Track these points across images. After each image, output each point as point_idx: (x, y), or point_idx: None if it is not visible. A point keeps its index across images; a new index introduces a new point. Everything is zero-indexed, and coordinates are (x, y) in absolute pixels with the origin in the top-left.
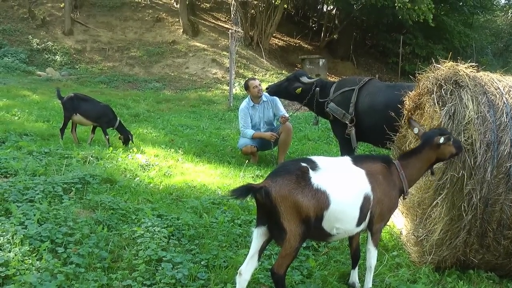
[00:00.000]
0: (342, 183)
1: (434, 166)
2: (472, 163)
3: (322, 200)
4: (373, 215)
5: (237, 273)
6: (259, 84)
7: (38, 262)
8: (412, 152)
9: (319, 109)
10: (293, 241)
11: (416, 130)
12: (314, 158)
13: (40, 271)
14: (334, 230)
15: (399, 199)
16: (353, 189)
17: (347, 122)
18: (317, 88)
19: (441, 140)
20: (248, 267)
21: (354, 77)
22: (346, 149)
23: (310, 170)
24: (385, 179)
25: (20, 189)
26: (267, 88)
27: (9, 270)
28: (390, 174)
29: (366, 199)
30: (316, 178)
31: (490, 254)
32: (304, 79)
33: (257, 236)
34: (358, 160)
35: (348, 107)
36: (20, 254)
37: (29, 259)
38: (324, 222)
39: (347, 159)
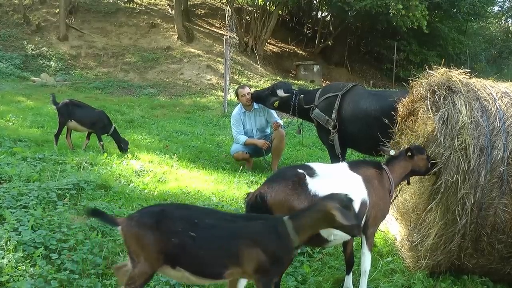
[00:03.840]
0: (340, 190)
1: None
2: (466, 167)
3: None
4: (368, 219)
5: None
6: (248, 93)
7: (32, 269)
8: (396, 160)
9: (305, 115)
10: None
11: (392, 152)
12: (312, 164)
13: (34, 277)
14: (332, 236)
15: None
16: (351, 195)
17: (330, 128)
18: (302, 95)
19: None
20: None
21: (338, 82)
22: (334, 154)
23: (307, 177)
24: (379, 184)
25: (14, 195)
26: (252, 94)
27: (2, 276)
28: (383, 179)
29: (363, 204)
30: (314, 185)
31: (484, 259)
32: (280, 93)
33: None
34: (354, 166)
35: (331, 113)
36: (14, 261)
37: (23, 265)
38: None
39: (344, 165)
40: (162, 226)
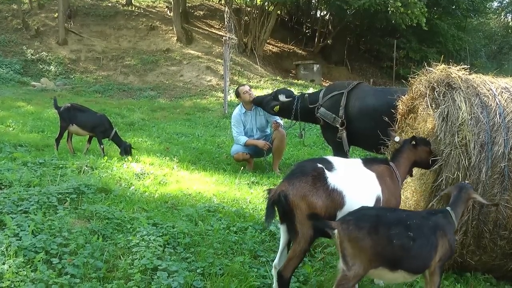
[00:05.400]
0: (357, 185)
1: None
2: (467, 164)
3: (337, 200)
4: None
5: (272, 267)
6: (250, 89)
7: (32, 274)
8: (400, 154)
9: (309, 116)
10: (303, 243)
11: (397, 139)
12: (330, 158)
13: (35, 282)
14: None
15: None
16: (367, 191)
17: (338, 126)
18: (306, 95)
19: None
20: (281, 261)
21: (343, 81)
22: (340, 153)
23: (326, 171)
24: (391, 181)
25: (15, 200)
26: (253, 99)
27: (3, 282)
28: (393, 176)
29: (377, 200)
30: (333, 179)
31: (487, 255)
32: (282, 98)
33: (284, 232)
34: (368, 163)
35: (338, 111)
36: (15, 266)
37: (24, 270)
38: None
39: (358, 162)
40: (381, 230)
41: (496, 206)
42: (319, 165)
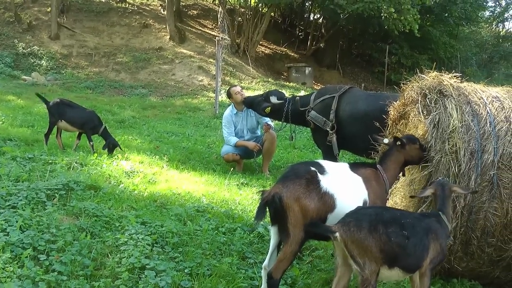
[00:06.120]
0: (346, 188)
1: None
2: (457, 171)
3: (328, 203)
4: None
5: (261, 269)
6: (241, 90)
7: (19, 270)
8: (387, 156)
9: (300, 119)
10: (294, 245)
11: (386, 141)
12: (321, 162)
13: (22, 279)
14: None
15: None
16: (355, 194)
17: (328, 129)
18: (297, 98)
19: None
20: (270, 262)
21: (334, 85)
22: (330, 157)
23: (319, 174)
24: (377, 184)
25: (3, 195)
26: (244, 99)
27: None
28: (379, 179)
29: (364, 204)
30: (325, 182)
31: (474, 262)
32: (274, 99)
33: (274, 233)
34: (354, 167)
35: (329, 115)
36: (1, 262)
37: (11, 266)
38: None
39: (345, 166)
40: (380, 228)
41: (475, 193)
42: (312, 168)
